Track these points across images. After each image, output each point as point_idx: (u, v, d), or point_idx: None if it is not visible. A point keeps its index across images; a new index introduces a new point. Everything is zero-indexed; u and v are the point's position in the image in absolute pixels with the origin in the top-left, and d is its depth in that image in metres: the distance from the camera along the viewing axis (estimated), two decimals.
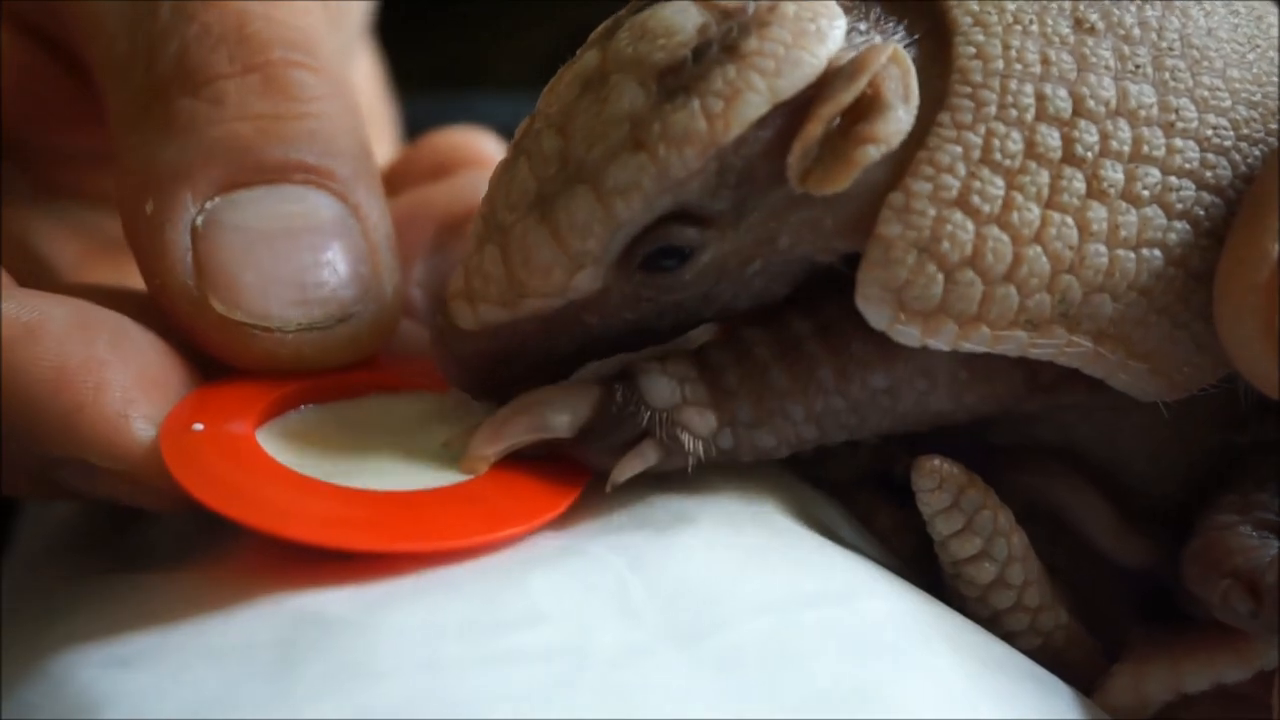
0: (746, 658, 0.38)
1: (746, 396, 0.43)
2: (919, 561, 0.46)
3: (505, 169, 0.42)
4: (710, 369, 0.43)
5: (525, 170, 0.41)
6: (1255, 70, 0.43)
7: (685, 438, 0.42)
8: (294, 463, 0.42)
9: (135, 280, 0.46)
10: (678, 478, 0.43)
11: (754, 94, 0.40)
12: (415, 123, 0.75)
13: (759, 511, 0.43)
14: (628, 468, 0.42)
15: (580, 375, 0.44)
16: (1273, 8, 0.46)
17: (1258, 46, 0.44)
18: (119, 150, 0.46)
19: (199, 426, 0.42)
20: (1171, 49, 0.42)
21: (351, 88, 0.48)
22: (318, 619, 0.38)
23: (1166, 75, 0.42)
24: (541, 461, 0.43)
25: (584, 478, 0.43)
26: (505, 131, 0.56)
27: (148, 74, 0.46)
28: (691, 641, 0.39)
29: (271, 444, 0.43)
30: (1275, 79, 0.44)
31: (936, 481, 0.43)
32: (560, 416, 0.42)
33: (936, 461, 0.42)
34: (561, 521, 0.42)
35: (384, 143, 0.69)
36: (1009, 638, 0.44)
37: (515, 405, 0.42)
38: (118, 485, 0.43)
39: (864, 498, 0.46)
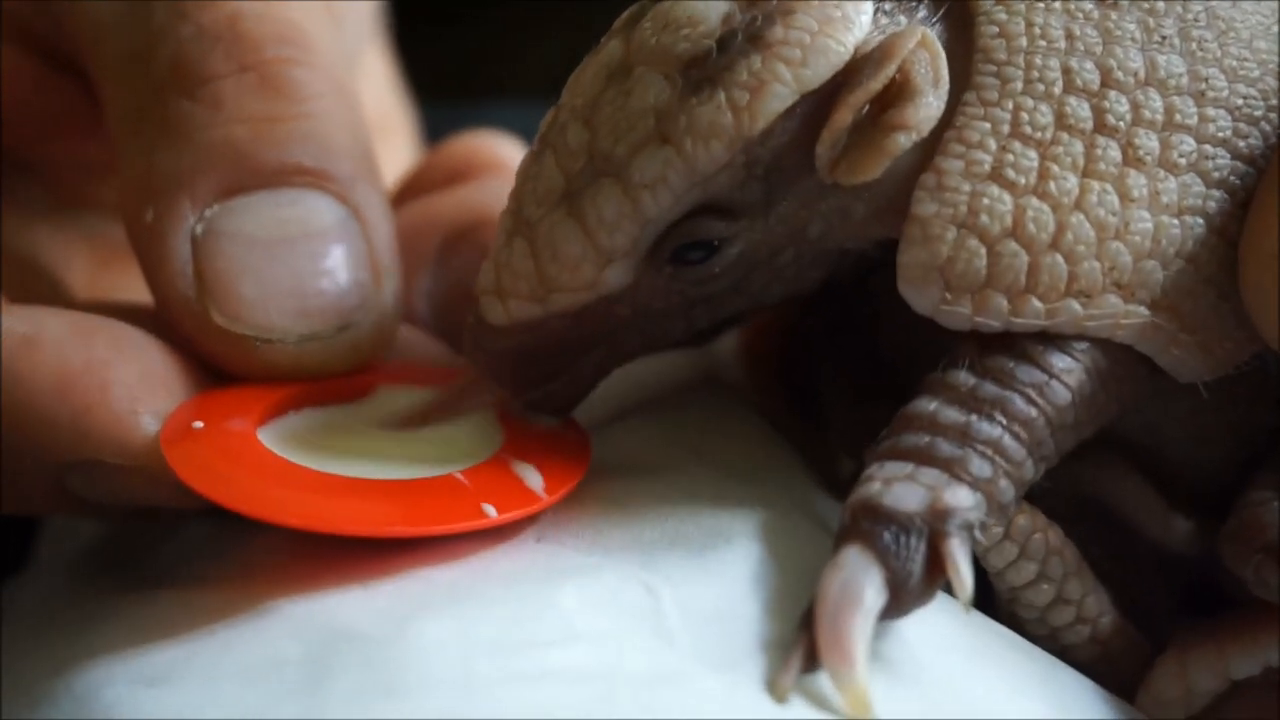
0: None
1: (974, 456, 0.40)
2: None
3: (532, 162, 0.42)
4: (919, 454, 0.40)
5: (552, 164, 0.41)
6: None
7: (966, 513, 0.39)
8: (293, 458, 0.42)
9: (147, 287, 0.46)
10: (708, 496, 0.42)
11: (780, 85, 0.39)
12: (435, 130, 0.75)
13: (791, 527, 0.42)
14: (963, 573, 0.38)
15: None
16: None
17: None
18: (119, 156, 0.46)
19: (199, 424, 0.42)
20: (1198, 20, 0.42)
21: (352, 85, 0.48)
22: (348, 634, 0.38)
23: (1194, 45, 0.42)
24: (547, 447, 0.43)
25: (583, 467, 0.43)
26: (525, 140, 0.56)
27: (144, 77, 0.46)
28: (725, 663, 0.38)
29: (271, 441, 0.43)
30: None
31: None
32: (871, 593, 0.38)
33: None
34: (594, 537, 0.41)
35: (402, 149, 0.68)
36: (1065, 651, 0.44)
37: (830, 610, 0.38)
38: (131, 483, 0.43)
39: None
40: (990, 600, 0.44)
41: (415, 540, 0.40)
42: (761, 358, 0.52)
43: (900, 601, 0.39)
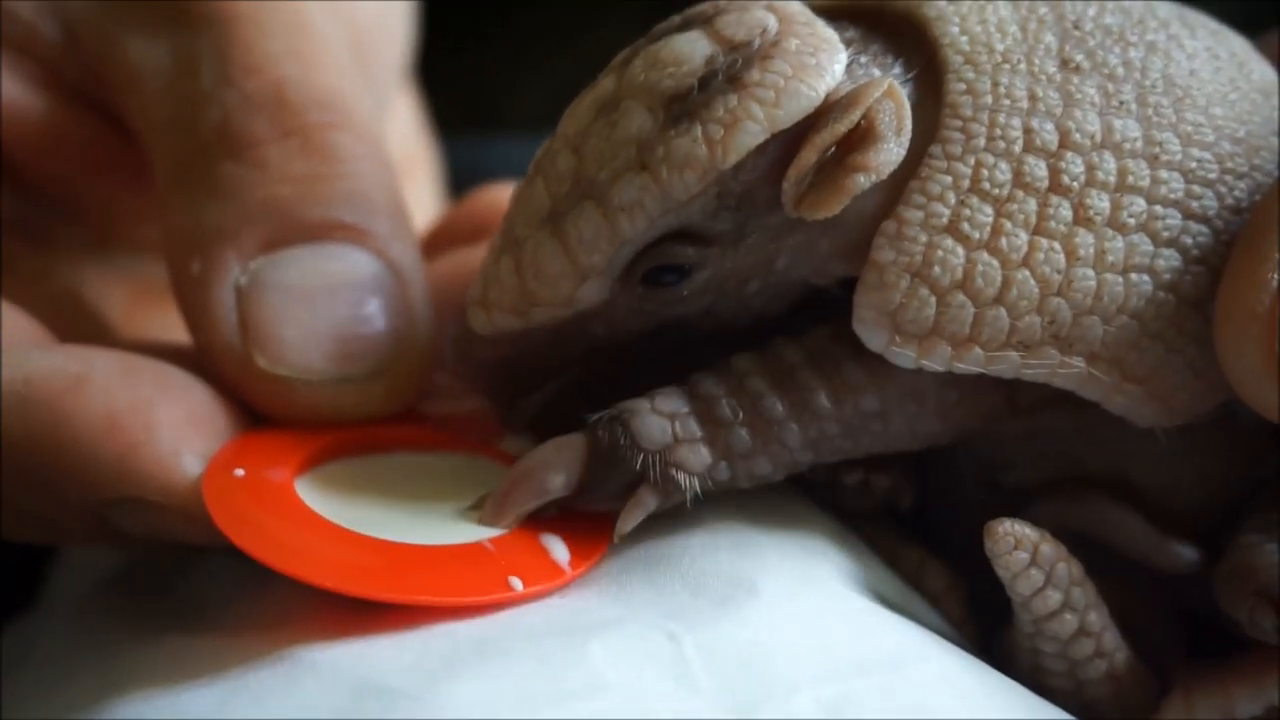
0: None
1: (742, 425, 0.43)
2: (969, 622, 0.46)
3: (525, 185, 0.44)
4: (701, 400, 0.44)
5: (541, 188, 0.43)
6: (1238, 109, 0.44)
7: (680, 477, 0.43)
8: (328, 513, 0.43)
9: (185, 325, 0.48)
10: (728, 544, 0.43)
11: (753, 123, 0.41)
12: (449, 163, 0.75)
13: (813, 575, 0.43)
14: (629, 519, 0.43)
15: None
16: (1254, 54, 0.47)
17: (1239, 88, 0.45)
18: (165, 210, 0.48)
19: (240, 472, 0.43)
20: (1155, 87, 0.44)
21: (385, 144, 0.49)
22: (377, 690, 0.39)
23: (1150, 111, 0.43)
24: (570, 517, 0.44)
25: (606, 538, 0.44)
26: None
27: (191, 138, 0.47)
28: (749, 712, 0.39)
29: (308, 493, 0.44)
30: (1258, 117, 0.45)
31: (1012, 544, 0.43)
32: (556, 478, 0.43)
33: (1007, 524, 0.43)
34: (617, 590, 0.42)
35: (426, 187, 0.70)
36: (1081, 686, 0.45)
37: (513, 474, 0.44)
38: (173, 521, 0.44)
39: (914, 556, 0.47)
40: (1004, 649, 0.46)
41: None
42: None
43: (581, 502, 0.43)
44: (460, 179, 0.77)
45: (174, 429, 0.43)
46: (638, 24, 0.45)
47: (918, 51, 0.44)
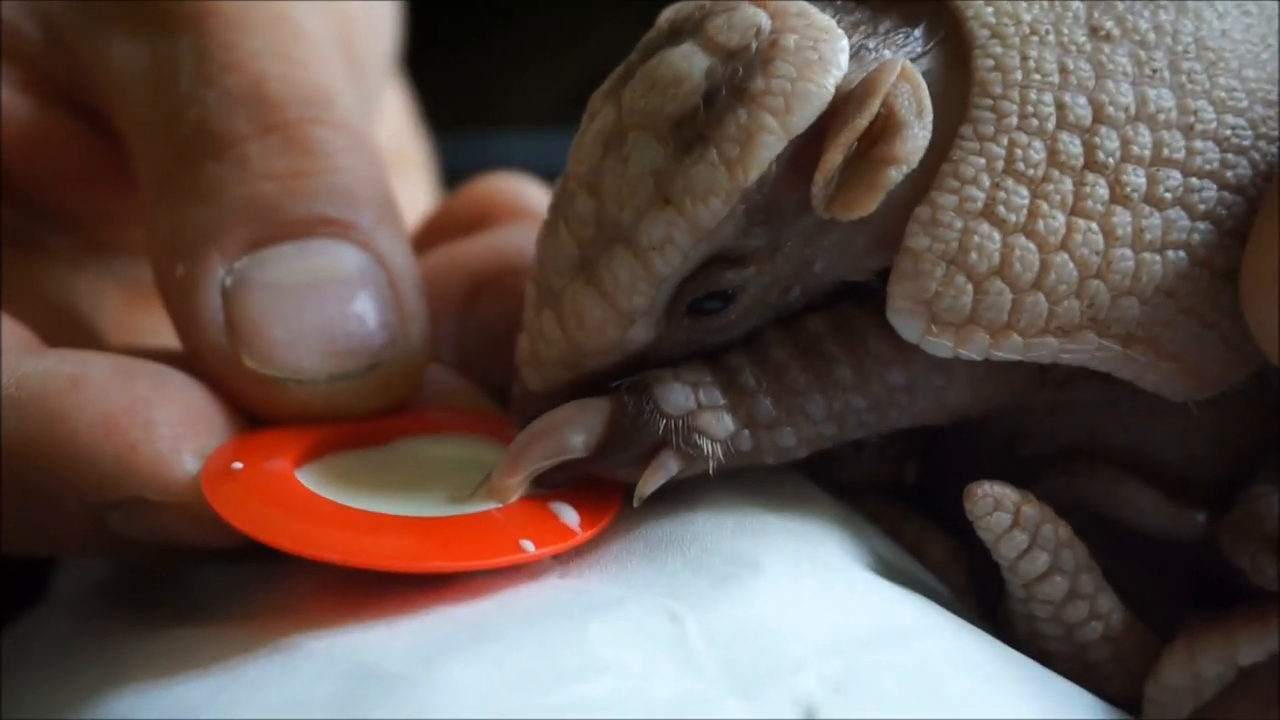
0: (808, 704, 0.38)
1: (765, 395, 0.43)
2: (970, 592, 0.46)
3: (548, 233, 0.43)
4: (725, 370, 0.43)
5: (565, 234, 0.42)
6: (1270, 69, 0.44)
7: (704, 443, 0.43)
8: (332, 497, 0.43)
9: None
10: (731, 524, 0.43)
11: (768, 135, 0.40)
12: (446, 161, 0.75)
13: (815, 553, 0.43)
14: (651, 481, 0.43)
15: None
16: None
17: (1271, 45, 0.44)
18: (149, 214, 0.48)
19: (239, 465, 0.43)
20: (1187, 52, 0.43)
21: (372, 137, 0.49)
22: (375, 673, 0.39)
23: (1183, 78, 0.42)
24: (579, 482, 0.44)
25: (616, 502, 0.44)
26: (534, 169, 0.57)
27: (172, 140, 0.47)
28: (752, 689, 0.39)
29: (309, 482, 0.44)
30: None
31: (991, 505, 0.43)
32: (576, 436, 0.43)
33: (986, 486, 0.43)
34: (617, 570, 0.42)
35: (418, 182, 0.70)
36: (1079, 650, 0.45)
37: (531, 430, 0.43)
38: (172, 520, 0.44)
39: (915, 527, 0.47)
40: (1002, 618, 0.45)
41: (439, 578, 0.41)
42: None
43: (599, 465, 0.43)
44: (458, 175, 0.77)
45: (172, 427, 0.43)
46: (637, 22, 0.44)
47: (936, 20, 0.43)
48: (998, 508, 0.43)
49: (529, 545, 0.41)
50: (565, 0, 0.89)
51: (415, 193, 0.68)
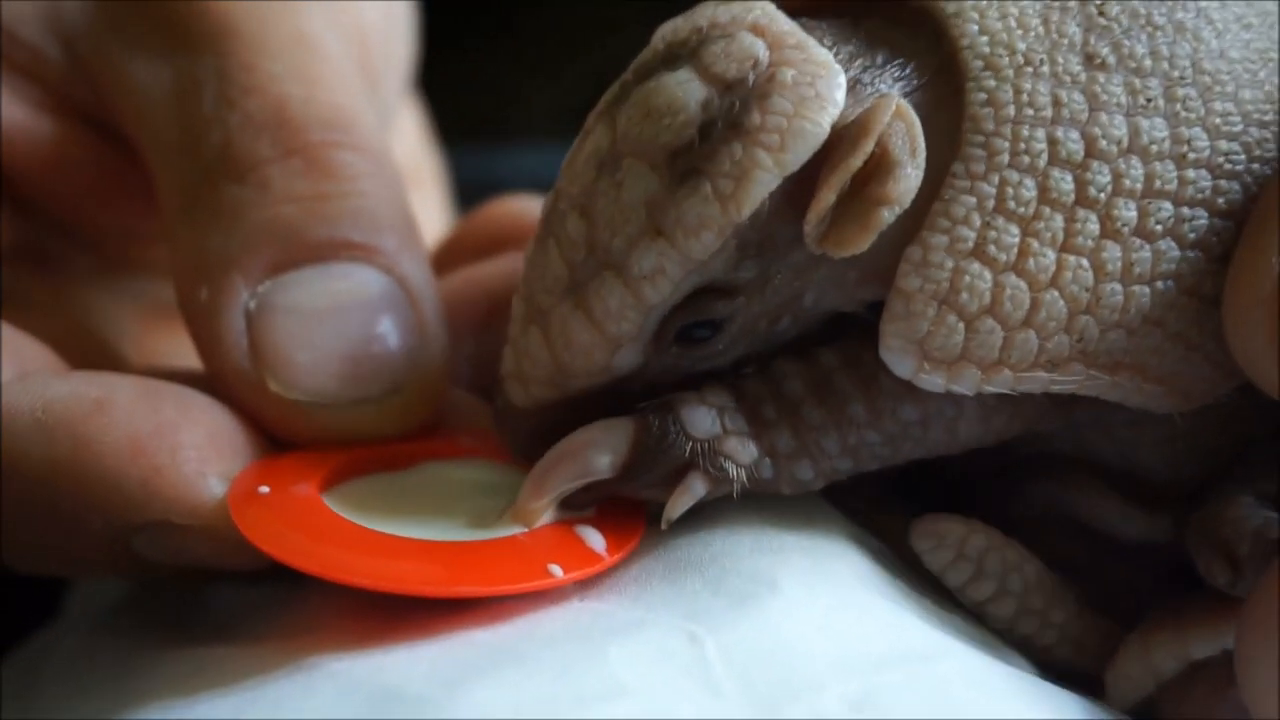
0: None
1: (785, 427, 0.43)
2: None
3: (538, 250, 0.43)
4: (748, 400, 0.44)
5: (555, 254, 0.43)
6: (1267, 88, 0.44)
7: (729, 466, 0.43)
8: (359, 521, 0.43)
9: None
10: (749, 543, 0.44)
11: (763, 172, 0.40)
12: (457, 175, 0.76)
13: (831, 571, 0.43)
14: (679, 504, 0.43)
15: None
16: None
17: (1270, 61, 0.44)
18: (172, 237, 0.48)
19: (265, 489, 0.44)
20: (1184, 78, 0.43)
21: (392, 159, 0.49)
22: (397, 696, 0.39)
23: (1178, 106, 0.42)
24: (604, 506, 0.44)
25: (640, 525, 0.44)
26: (545, 183, 0.57)
27: (194, 163, 0.47)
28: (774, 711, 0.39)
29: (335, 505, 0.44)
30: None
31: (935, 541, 0.44)
32: (601, 458, 0.43)
33: (928, 522, 0.44)
34: (637, 591, 0.42)
35: (432, 197, 0.70)
36: (1044, 650, 0.46)
37: (556, 452, 0.43)
38: (199, 543, 0.44)
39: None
40: None
41: (460, 602, 0.41)
42: None
43: (624, 486, 0.43)
44: (469, 189, 0.77)
45: (198, 450, 0.44)
46: (643, 35, 0.44)
47: (930, 48, 0.43)
48: (939, 544, 0.44)
49: (557, 570, 0.41)
50: (576, 11, 0.90)
51: (429, 208, 0.68)
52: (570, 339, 0.42)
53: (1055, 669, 0.46)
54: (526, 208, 0.57)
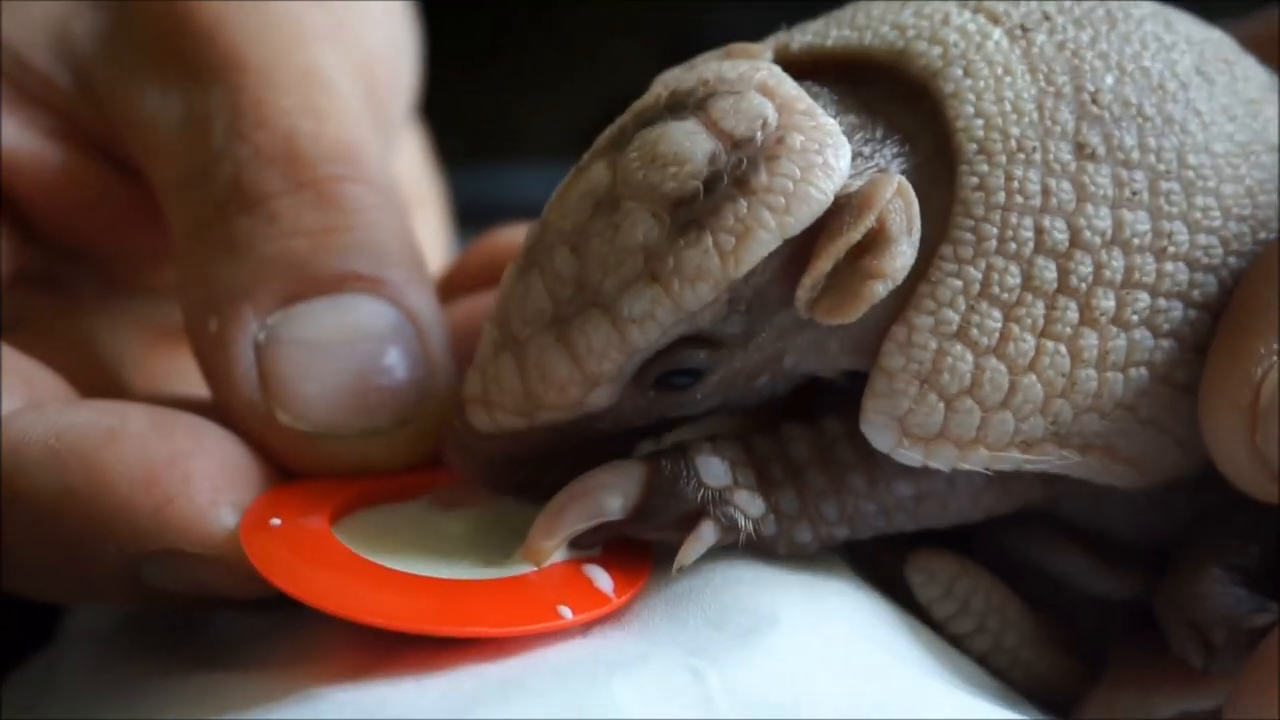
0: None
1: (790, 489, 0.44)
2: None
3: (518, 279, 0.43)
4: (757, 457, 0.44)
5: (539, 286, 0.43)
6: (1248, 182, 0.45)
7: (738, 516, 0.44)
8: (370, 555, 0.44)
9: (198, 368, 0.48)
10: (749, 579, 0.44)
11: (765, 232, 0.41)
12: (457, 196, 0.76)
13: (832, 608, 0.44)
14: (692, 550, 0.43)
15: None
16: (1272, 95, 0.47)
17: (1252, 154, 0.45)
18: (182, 269, 0.48)
19: (276, 521, 0.44)
20: (1169, 171, 0.43)
21: (398, 191, 0.50)
22: None
23: (1161, 200, 0.43)
24: (608, 550, 0.44)
25: (647, 565, 0.44)
26: (542, 205, 0.57)
27: (204, 195, 0.48)
28: None
29: (346, 538, 0.44)
30: (1268, 187, 0.45)
31: (928, 576, 0.46)
32: (614, 500, 0.43)
33: (924, 558, 0.46)
34: (640, 626, 0.43)
35: (432, 221, 0.70)
36: (1013, 681, 0.47)
37: (568, 493, 0.44)
38: (210, 573, 0.44)
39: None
40: None
41: None
42: None
43: (634, 528, 0.44)
44: (469, 210, 0.77)
45: (210, 480, 0.44)
46: (644, 57, 0.44)
47: (926, 126, 0.43)
48: (931, 579, 0.46)
49: (566, 611, 0.42)
50: (575, 34, 0.90)
51: (429, 230, 0.68)
52: (546, 370, 0.42)
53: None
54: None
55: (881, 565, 0.48)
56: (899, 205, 0.41)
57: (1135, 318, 0.43)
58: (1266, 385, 0.42)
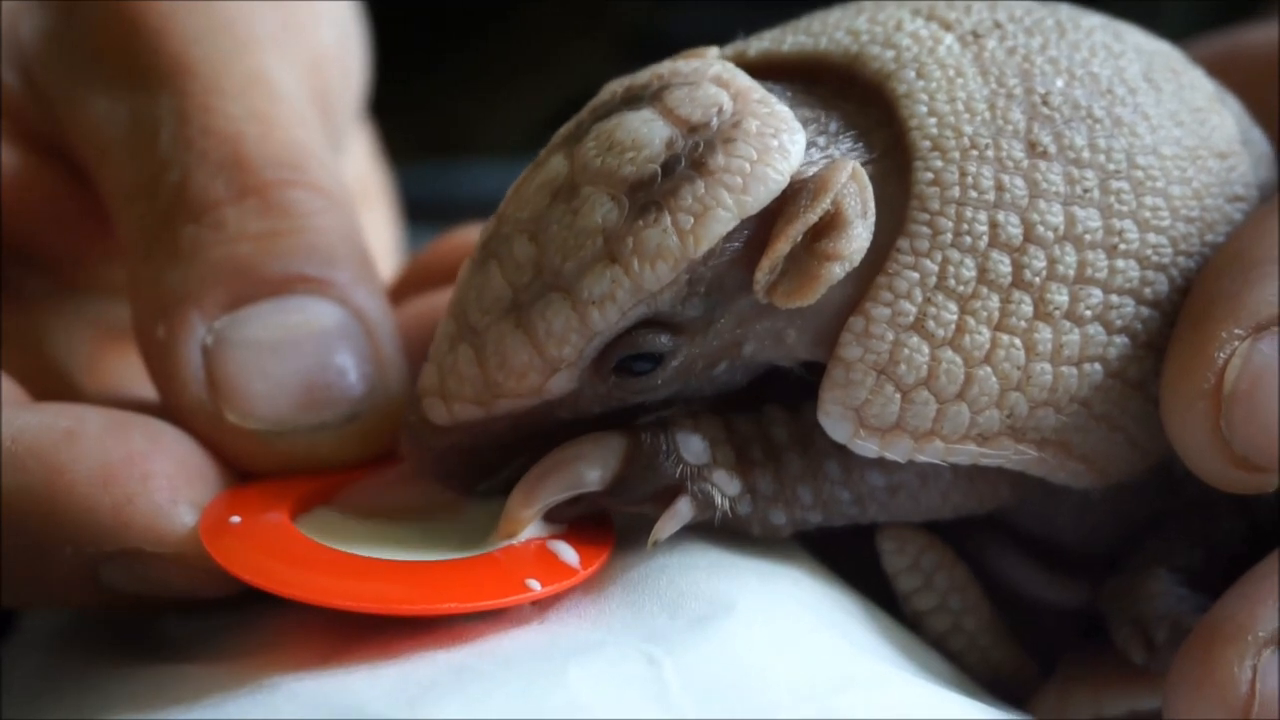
0: None
1: (767, 471, 0.45)
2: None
3: (475, 270, 0.44)
4: (737, 437, 0.45)
5: (497, 274, 0.43)
6: (1195, 185, 0.46)
7: (715, 494, 0.44)
8: (333, 545, 0.44)
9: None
10: (705, 565, 0.45)
11: (723, 210, 0.41)
12: (406, 192, 0.76)
13: (788, 594, 0.44)
14: (667, 526, 0.44)
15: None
16: (1217, 99, 0.48)
17: (1198, 158, 0.46)
18: (130, 277, 0.49)
19: (236, 519, 0.44)
20: (1118, 171, 0.44)
21: (345, 193, 0.50)
22: (359, 714, 0.39)
23: (1112, 199, 0.44)
24: (572, 527, 0.45)
25: (610, 538, 0.45)
26: (493, 202, 0.58)
27: (152, 203, 0.48)
28: None
29: (307, 533, 0.45)
30: (1214, 191, 0.46)
31: (898, 545, 0.46)
32: (592, 471, 0.44)
33: (897, 529, 0.46)
34: (596, 613, 0.43)
35: (381, 216, 0.70)
36: (966, 667, 0.48)
37: (547, 463, 0.44)
38: (170, 572, 0.45)
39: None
40: None
41: (421, 622, 0.42)
42: None
43: (611, 501, 0.44)
44: (419, 207, 0.78)
45: (169, 479, 0.44)
46: (600, 55, 0.45)
47: (880, 124, 0.44)
48: (900, 549, 0.46)
49: (535, 584, 0.42)
50: (528, 31, 0.90)
51: (378, 227, 0.69)
52: (506, 357, 0.43)
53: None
54: None
55: (838, 551, 0.48)
56: (854, 189, 0.42)
57: (1088, 313, 0.44)
58: (1230, 369, 0.42)
